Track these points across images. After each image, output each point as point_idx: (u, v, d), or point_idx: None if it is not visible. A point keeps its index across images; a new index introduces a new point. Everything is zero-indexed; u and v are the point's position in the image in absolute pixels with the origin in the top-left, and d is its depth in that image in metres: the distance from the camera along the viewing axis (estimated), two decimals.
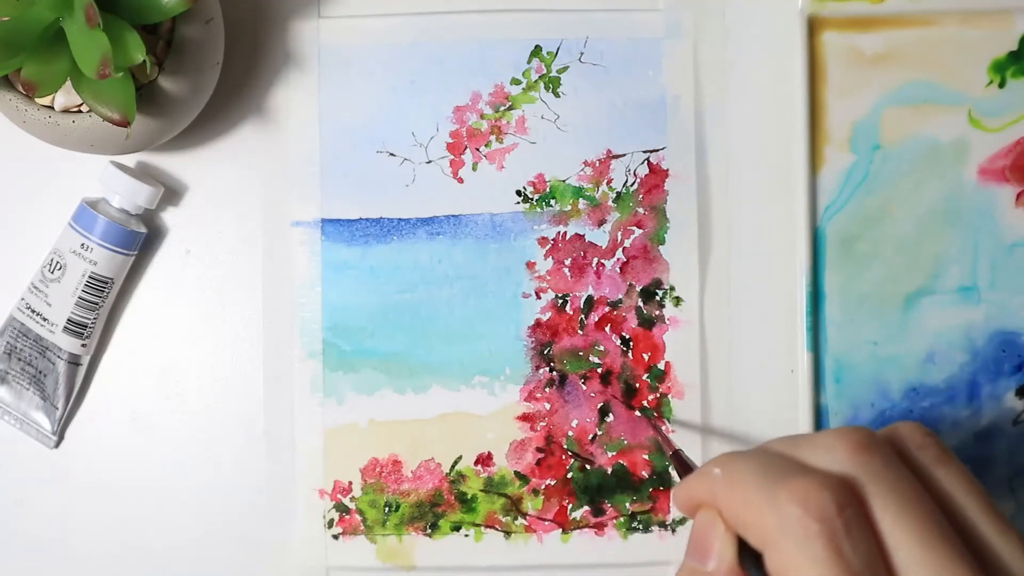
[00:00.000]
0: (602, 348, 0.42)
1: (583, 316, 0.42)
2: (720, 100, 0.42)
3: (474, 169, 0.42)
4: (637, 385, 0.42)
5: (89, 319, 0.41)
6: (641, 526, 0.42)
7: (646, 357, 0.42)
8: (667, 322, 0.42)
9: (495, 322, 0.42)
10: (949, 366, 0.42)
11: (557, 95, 0.42)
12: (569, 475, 0.42)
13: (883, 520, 0.23)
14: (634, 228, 0.42)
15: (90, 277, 0.40)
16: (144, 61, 0.33)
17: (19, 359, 0.41)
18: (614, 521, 0.42)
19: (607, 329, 0.42)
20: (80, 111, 0.36)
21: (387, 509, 0.42)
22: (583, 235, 0.42)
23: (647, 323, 0.42)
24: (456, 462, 0.42)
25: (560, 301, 0.42)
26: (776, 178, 0.42)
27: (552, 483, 0.42)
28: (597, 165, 0.42)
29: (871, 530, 0.22)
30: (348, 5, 0.42)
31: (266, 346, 0.42)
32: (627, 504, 0.42)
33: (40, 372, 0.41)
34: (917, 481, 0.24)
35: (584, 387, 0.42)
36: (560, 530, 0.42)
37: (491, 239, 0.42)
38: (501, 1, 0.42)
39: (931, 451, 0.25)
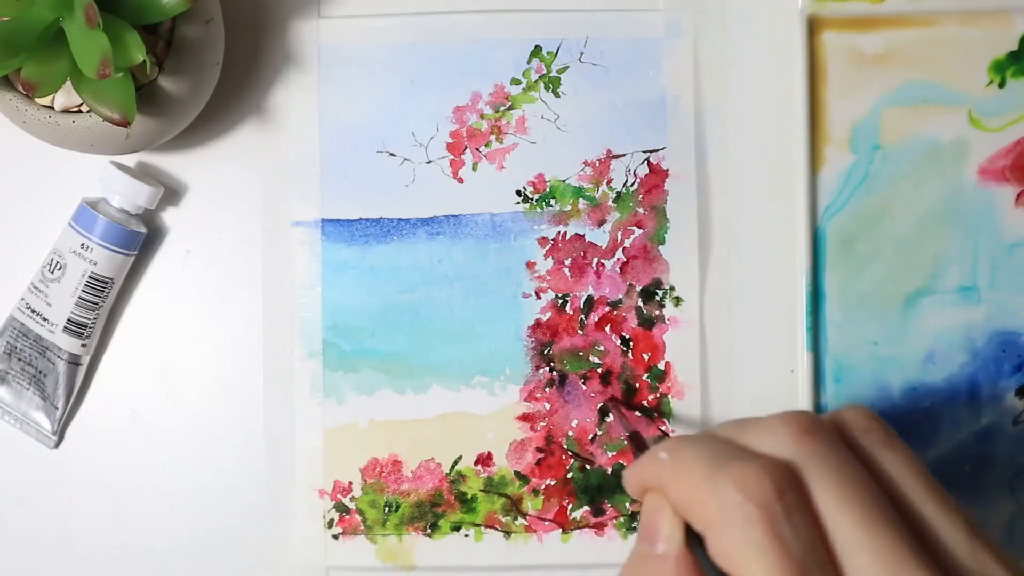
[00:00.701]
0: (602, 348, 0.42)
1: (583, 316, 0.42)
2: (720, 100, 0.42)
3: (474, 169, 0.42)
4: (637, 385, 0.42)
5: (89, 319, 0.41)
6: None
7: (646, 357, 0.42)
8: (667, 322, 0.42)
9: (495, 322, 0.42)
10: (949, 366, 0.42)
11: (557, 95, 0.42)
12: (569, 475, 0.42)
13: (824, 504, 0.23)
14: (634, 228, 0.42)
15: (90, 277, 0.40)
16: (144, 61, 0.33)
17: (19, 359, 0.41)
18: (614, 521, 0.42)
19: (607, 329, 0.42)
20: (80, 111, 0.36)
21: (387, 509, 0.42)
22: (583, 235, 0.42)
23: (647, 323, 0.42)
24: (456, 462, 0.42)
25: (560, 301, 0.42)
26: (776, 178, 0.42)
27: (552, 483, 0.42)
28: (597, 165, 0.42)
29: (812, 514, 0.22)
30: (348, 5, 0.42)
31: (266, 346, 0.42)
32: (627, 504, 0.42)
33: (40, 372, 0.41)
34: (860, 465, 0.24)
35: (584, 387, 0.42)
36: (560, 530, 0.42)
37: (491, 239, 0.42)
38: (501, 1, 0.42)
39: (876, 435, 0.25)
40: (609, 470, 0.42)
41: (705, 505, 0.23)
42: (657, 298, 0.42)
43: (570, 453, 0.42)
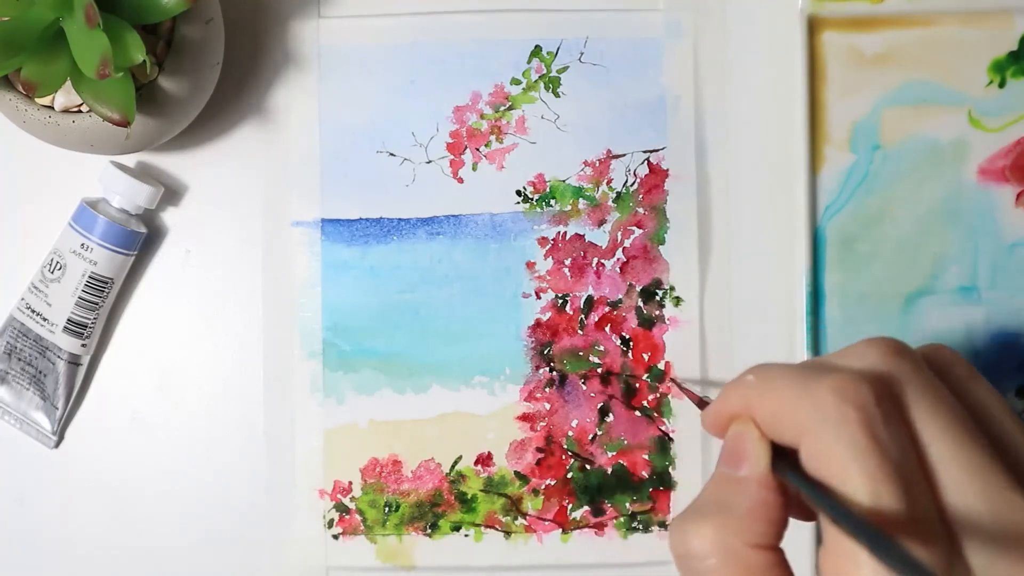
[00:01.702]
0: (602, 348, 0.42)
1: (583, 316, 0.42)
2: (720, 100, 0.42)
3: (474, 169, 0.42)
4: (637, 385, 0.42)
5: (89, 319, 0.41)
6: (641, 526, 0.42)
7: (646, 357, 0.42)
8: (667, 322, 0.42)
9: (495, 322, 0.42)
10: None
11: (557, 95, 0.42)
12: (569, 475, 0.42)
13: (919, 418, 0.22)
14: (634, 228, 0.42)
15: (90, 277, 0.40)
16: (144, 61, 0.33)
17: (19, 359, 0.41)
18: (614, 521, 0.42)
19: (607, 329, 0.42)
20: (80, 111, 0.36)
21: (387, 509, 0.42)
22: (583, 235, 0.42)
23: (647, 323, 0.42)
24: (456, 462, 0.42)
25: (560, 301, 0.42)
26: (776, 178, 0.42)
27: (552, 483, 0.42)
28: (597, 165, 0.42)
29: (907, 425, 0.22)
30: (348, 5, 0.42)
31: (266, 346, 0.42)
32: (627, 504, 0.42)
33: (40, 372, 0.41)
34: (948, 389, 0.24)
35: (584, 387, 0.42)
36: (560, 530, 0.42)
37: (491, 239, 0.42)
38: (501, 1, 0.42)
39: (962, 368, 0.25)
40: (609, 470, 0.42)
41: (799, 412, 0.22)
42: (657, 298, 0.42)
43: (570, 453, 0.42)
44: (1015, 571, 0.21)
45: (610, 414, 0.42)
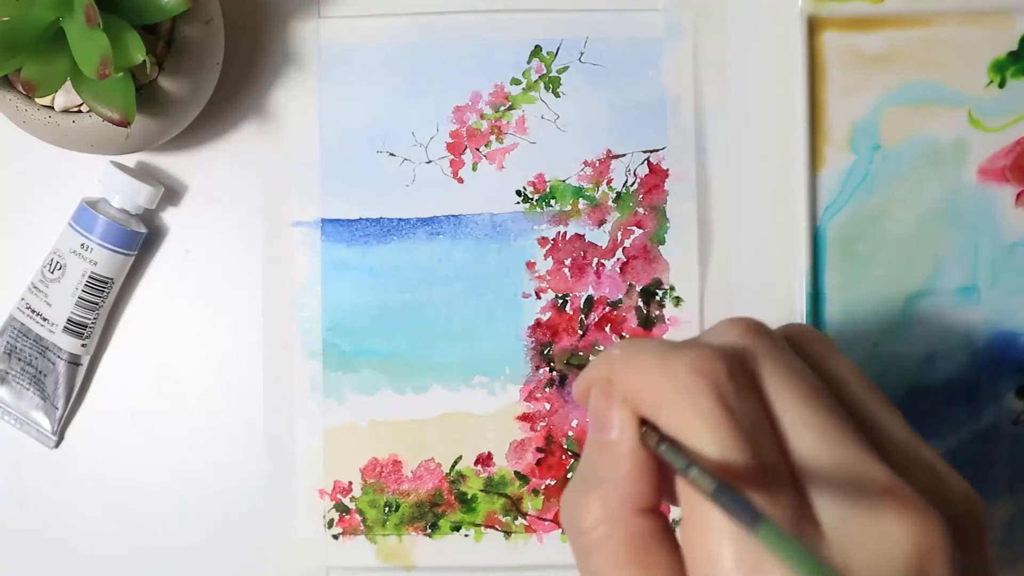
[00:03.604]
0: (602, 348, 0.42)
1: (583, 316, 0.42)
2: (720, 100, 0.42)
3: (474, 169, 0.42)
4: None
5: (89, 319, 0.41)
6: None
7: None
8: (667, 322, 0.42)
9: (495, 322, 0.42)
10: (949, 366, 0.42)
11: (557, 95, 0.42)
12: (569, 475, 0.42)
13: (773, 390, 0.23)
14: (634, 228, 0.42)
15: (90, 277, 0.40)
16: (144, 61, 0.33)
17: (19, 359, 0.41)
18: None
19: (607, 329, 0.42)
20: (80, 111, 0.36)
21: (387, 509, 0.42)
22: (583, 235, 0.42)
23: (647, 323, 0.42)
24: (456, 462, 0.42)
25: (560, 301, 0.42)
26: (776, 178, 0.42)
27: (552, 483, 0.42)
28: (597, 165, 0.42)
29: (761, 397, 0.23)
30: (348, 5, 0.42)
31: (266, 346, 0.42)
32: None
33: (40, 372, 0.41)
34: (805, 363, 0.25)
35: None
36: (560, 530, 0.42)
37: (491, 239, 0.42)
38: (501, 1, 0.42)
39: (821, 345, 0.26)
40: None
41: (657, 385, 0.23)
42: (657, 298, 0.42)
43: (570, 453, 0.42)
44: (862, 523, 0.21)
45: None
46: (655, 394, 0.23)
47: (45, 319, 0.41)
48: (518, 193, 0.42)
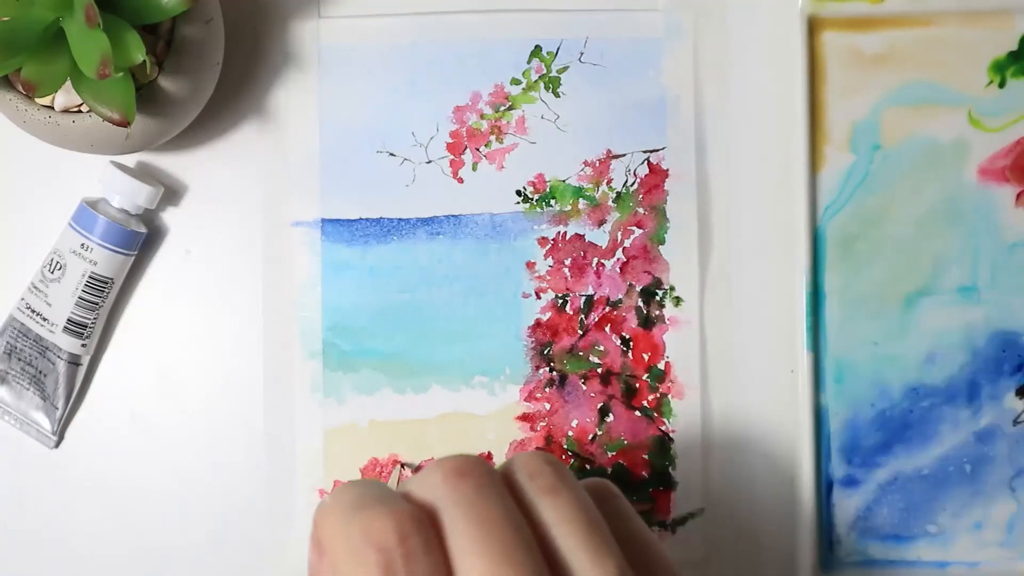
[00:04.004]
0: (602, 348, 0.42)
1: (583, 316, 0.42)
2: (720, 100, 0.42)
3: (474, 169, 0.42)
4: (637, 385, 0.42)
5: (89, 319, 0.41)
6: None
7: (646, 357, 0.42)
8: (667, 322, 0.42)
9: (495, 322, 0.42)
10: (949, 366, 0.42)
11: (557, 95, 0.42)
12: None
13: (456, 548, 0.23)
14: (634, 228, 0.42)
15: (90, 277, 0.40)
16: (144, 61, 0.33)
17: (19, 359, 0.41)
18: None
19: (607, 329, 0.42)
20: (80, 111, 0.36)
21: None
22: (583, 235, 0.42)
23: (647, 323, 0.42)
24: None
25: (560, 301, 0.42)
26: (776, 178, 0.42)
27: None
28: (597, 165, 0.42)
29: (440, 558, 0.23)
30: (348, 5, 0.42)
31: (266, 346, 0.42)
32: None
33: (40, 372, 0.41)
34: (506, 510, 0.24)
35: (584, 387, 0.42)
36: None
37: (491, 239, 0.42)
38: (501, 1, 0.42)
39: (542, 480, 0.25)
40: (609, 470, 0.42)
41: (337, 549, 0.23)
42: (657, 298, 0.42)
43: (570, 453, 0.42)
44: None
45: (610, 414, 0.42)
46: (335, 556, 0.23)
47: (45, 319, 0.41)
48: (518, 193, 0.42)
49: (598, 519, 0.25)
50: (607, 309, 0.42)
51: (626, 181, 0.42)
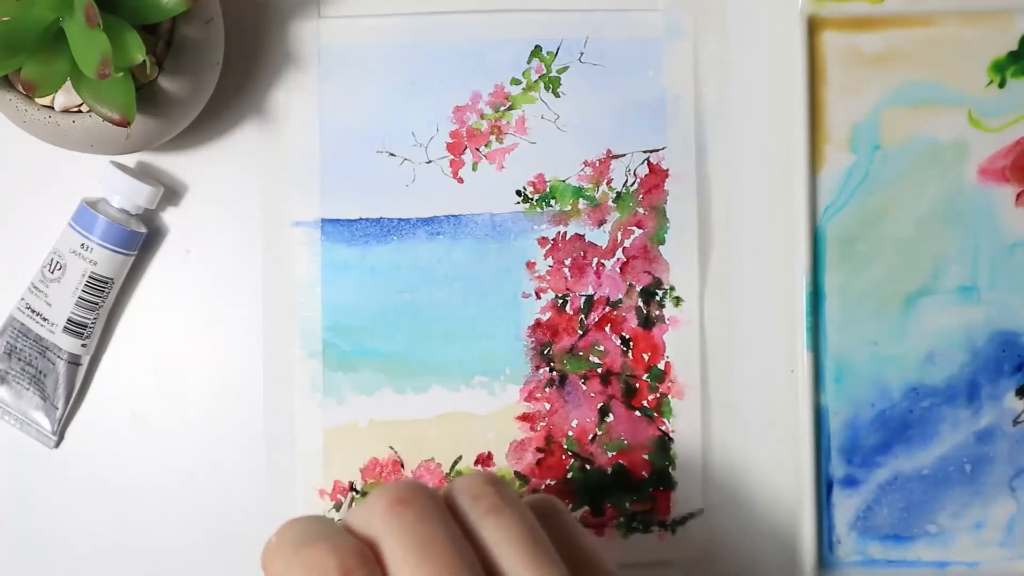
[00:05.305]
0: (602, 348, 0.42)
1: (583, 316, 0.42)
2: (720, 100, 0.42)
3: (474, 169, 0.42)
4: (637, 385, 0.42)
5: (89, 319, 0.41)
6: (641, 526, 0.42)
7: (646, 357, 0.42)
8: (667, 322, 0.42)
9: (495, 322, 0.42)
10: (949, 366, 0.42)
11: (557, 95, 0.42)
12: (569, 475, 0.42)
13: (394, 573, 0.23)
14: (634, 228, 0.42)
15: (90, 277, 0.40)
16: (144, 61, 0.33)
17: (19, 359, 0.41)
18: (614, 521, 0.42)
19: (607, 329, 0.42)
20: (80, 111, 0.36)
21: None
22: (583, 235, 0.42)
23: (647, 323, 0.42)
24: (456, 462, 0.42)
25: (560, 301, 0.42)
26: (776, 178, 0.42)
27: (552, 483, 0.42)
28: (597, 165, 0.42)
29: None
30: (348, 5, 0.42)
31: (266, 346, 0.42)
32: (627, 504, 0.42)
33: (40, 372, 0.41)
34: (448, 536, 0.24)
35: (584, 387, 0.42)
36: None
37: (491, 239, 0.42)
38: (501, 1, 0.42)
39: (485, 501, 0.25)
40: (609, 470, 0.42)
41: None
42: (657, 298, 0.42)
43: (570, 453, 0.42)
44: None
45: (610, 414, 0.42)
46: None
47: (45, 319, 0.41)
48: (518, 193, 0.42)
49: (541, 536, 0.25)
50: (607, 309, 0.42)
51: (626, 181, 0.42)
